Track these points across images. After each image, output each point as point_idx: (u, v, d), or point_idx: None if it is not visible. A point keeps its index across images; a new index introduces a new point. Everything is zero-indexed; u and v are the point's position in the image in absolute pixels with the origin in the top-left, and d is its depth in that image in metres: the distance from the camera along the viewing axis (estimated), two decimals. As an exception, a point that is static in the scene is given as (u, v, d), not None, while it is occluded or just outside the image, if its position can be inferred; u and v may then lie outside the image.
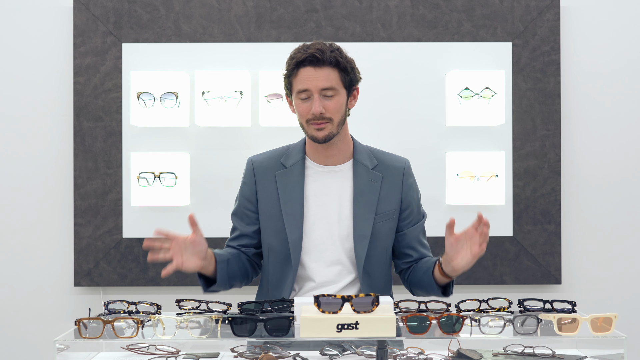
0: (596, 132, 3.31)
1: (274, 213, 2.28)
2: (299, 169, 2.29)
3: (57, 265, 3.29)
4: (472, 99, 3.21)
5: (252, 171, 2.33)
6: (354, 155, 2.33)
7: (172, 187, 3.20)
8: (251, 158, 2.37)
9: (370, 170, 2.31)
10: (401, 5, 3.25)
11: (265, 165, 2.32)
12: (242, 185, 2.37)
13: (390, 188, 2.31)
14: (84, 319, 1.80)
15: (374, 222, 2.26)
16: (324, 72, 2.19)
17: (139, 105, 3.19)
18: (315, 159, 2.31)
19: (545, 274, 3.26)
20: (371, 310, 1.73)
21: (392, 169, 2.34)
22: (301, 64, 2.20)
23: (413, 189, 2.38)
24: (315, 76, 2.18)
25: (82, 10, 3.23)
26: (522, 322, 1.85)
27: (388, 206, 2.30)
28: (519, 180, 3.26)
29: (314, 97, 2.19)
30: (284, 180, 2.28)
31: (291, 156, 2.32)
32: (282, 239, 2.26)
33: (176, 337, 1.82)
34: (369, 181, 2.29)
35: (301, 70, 2.20)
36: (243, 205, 2.36)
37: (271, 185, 2.29)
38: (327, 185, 2.29)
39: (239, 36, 3.25)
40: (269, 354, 1.93)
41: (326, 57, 2.18)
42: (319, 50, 2.19)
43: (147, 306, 2.01)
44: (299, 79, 2.21)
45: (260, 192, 2.31)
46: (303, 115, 2.23)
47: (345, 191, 2.29)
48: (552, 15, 3.25)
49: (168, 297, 3.19)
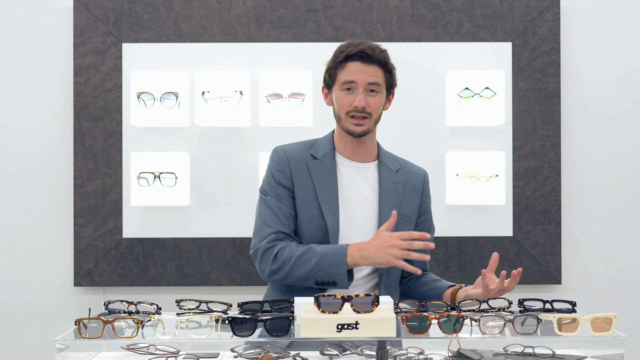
0: (596, 132, 3.31)
1: (309, 200, 2.27)
2: (330, 159, 2.31)
3: (57, 265, 3.29)
4: (472, 99, 3.21)
5: (287, 159, 2.31)
6: (379, 157, 2.37)
7: (172, 187, 3.20)
8: (281, 147, 2.35)
9: (394, 172, 2.34)
10: (401, 5, 3.25)
11: (297, 154, 2.32)
12: (276, 173, 2.31)
13: (412, 192, 2.35)
14: (84, 319, 1.80)
15: (397, 223, 2.27)
16: (372, 69, 2.23)
17: (139, 105, 3.19)
18: (343, 153, 2.34)
19: (545, 274, 3.26)
20: (371, 310, 1.73)
21: (414, 175, 2.39)
22: (351, 57, 2.23)
23: (430, 198, 2.43)
24: (363, 71, 2.23)
25: (82, 10, 3.23)
26: (522, 322, 1.85)
27: (409, 209, 2.33)
28: (519, 180, 3.26)
29: (358, 91, 2.23)
30: (317, 170, 2.29)
31: (320, 148, 2.33)
32: (317, 225, 2.26)
33: (176, 337, 1.82)
34: (393, 182, 2.33)
35: (349, 64, 2.23)
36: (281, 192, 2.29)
37: (305, 173, 2.29)
38: (355, 180, 2.32)
39: (239, 36, 3.25)
40: (269, 354, 1.93)
41: (376, 55, 2.24)
42: (370, 47, 2.24)
43: (147, 306, 2.01)
44: (347, 71, 2.23)
45: (295, 181, 2.29)
46: (344, 107, 2.25)
47: (372, 189, 2.31)
48: (552, 15, 3.25)
49: (168, 297, 3.19)
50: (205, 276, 3.25)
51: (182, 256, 3.25)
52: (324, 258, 2.16)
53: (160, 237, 3.25)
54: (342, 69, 2.25)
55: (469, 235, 3.26)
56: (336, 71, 2.26)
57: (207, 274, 3.25)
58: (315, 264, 2.16)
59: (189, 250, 3.24)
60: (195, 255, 3.25)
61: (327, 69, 2.30)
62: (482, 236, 3.26)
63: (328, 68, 2.30)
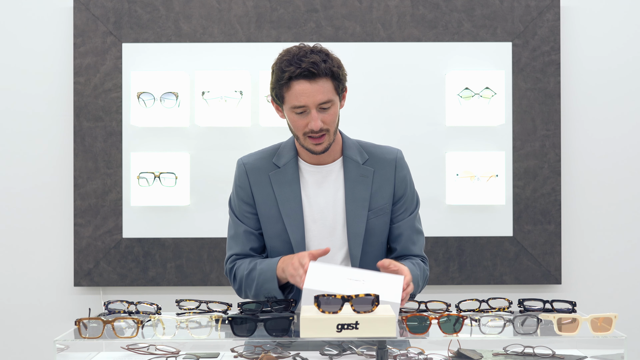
0: (596, 132, 3.31)
1: (272, 214, 2.23)
2: (292, 168, 2.24)
3: (57, 265, 3.29)
4: (472, 99, 3.21)
5: (245, 174, 2.26)
6: (343, 152, 2.26)
7: (172, 187, 3.20)
8: (242, 160, 2.29)
9: (361, 165, 2.24)
10: (401, 5, 3.25)
11: (258, 166, 2.26)
12: (237, 189, 2.29)
13: (383, 182, 2.25)
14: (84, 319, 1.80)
15: (368, 218, 2.22)
16: (319, 86, 2.08)
17: (139, 105, 3.19)
18: (306, 159, 2.25)
19: (545, 274, 3.26)
20: (371, 310, 1.73)
21: (384, 162, 2.26)
22: (295, 78, 2.09)
23: (406, 182, 2.29)
24: (311, 91, 2.08)
25: (82, 10, 3.23)
26: (522, 322, 1.85)
27: (381, 200, 2.24)
28: (519, 180, 3.26)
29: (311, 113, 2.11)
30: (279, 180, 2.23)
31: (283, 155, 2.26)
32: (283, 240, 2.23)
33: (176, 337, 1.82)
34: (361, 177, 2.23)
35: (294, 84, 2.08)
36: (242, 209, 2.28)
37: (266, 186, 2.24)
38: (319, 185, 2.24)
39: (239, 36, 3.25)
40: (269, 354, 1.93)
41: (321, 70, 2.08)
42: (313, 63, 2.07)
43: (147, 306, 2.01)
44: (293, 94, 2.09)
45: (256, 194, 2.25)
46: (299, 129, 2.14)
47: (338, 189, 2.25)
48: (552, 15, 3.25)
49: (168, 297, 3.19)
50: (205, 276, 3.25)
51: (182, 256, 3.25)
52: (261, 276, 2.16)
53: (160, 237, 3.25)
54: (288, 89, 2.09)
55: (469, 235, 3.26)
56: (282, 92, 2.11)
57: (207, 274, 3.25)
58: (257, 283, 2.17)
59: (189, 250, 3.24)
60: (195, 255, 3.25)
61: (272, 87, 2.15)
62: (482, 236, 3.26)
63: (272, 86, 2.15)
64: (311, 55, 2.09)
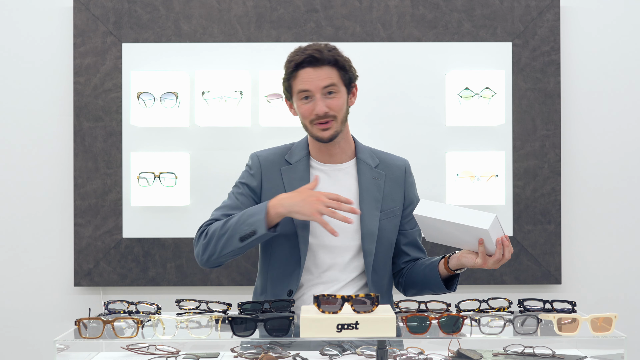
0: (596, 132, 3.31)
1: None
2: (303, 165, 2.30)
3: (57, 265, 3.29)
4: (472, 99, 3.21)
5: (259, 164, 2.32)
6: (356, 154, 2.35)
7: (172, 187, 3.20)
8: (256, 153, 2.37)
9: (373, 168, 2.33)
10: (401, 5, 3.25)
11: (271, 160, 2.32)
12: (247, 175, 2.33)
13: (393, 186, 2.34)
14: (84, 319, 1.81)
15: (380, 219, 2.28)
16: (323, 72, 2.21)
17: (139, 105, 3.19)
18: (318, 157, 2.32)
19: (545, 274, 3.26)
20: (371, 311, 1.73)
21: (394, 168, 2.37)
22: (300, 65, 2.21)
23: (414, 188, 2.41)
24: (315, 76, 2.20)
25: (82, 10, 3.23)
26: (522, 322, 1.85)
27: (392, 203, 2.32)
28: (519, 180, 3.26)
29: (316, 98, 2.21)
30: (290, 176, 2.29)
31: (295, 153, 2.33)
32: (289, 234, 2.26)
33: (176, 337, 1.82)
34: (373, 179, 2.31)
35: (300, 72, 2.22)
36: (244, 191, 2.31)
37: (277, 180, 2.29)
38: (332, 183, 2.29)
39: (239, 36, 3.25)
40: (269, 354, 1.93)
41: (324, 56, 2.21)
42: (316, 50, 2.21)
43: (147, 306, 2.01)
44: (299, 81, 2.22)
45: (265, 185, 2.29)
46: (306, 117, 2.24)
47: (351, 189, 2.30)
48: (552, 15, 3.25)
49: (168, 297, 3.19)
50: (205, 276, 3.25)
51: (182, 256, 3.25)
52: (245, 213, 2.17)
53: (160, 237, 3.25)
54: (294, 79, 2.23)
55: (469, 235, 3.26)
56: (290, 82, 2.25)
57: (207, 274, 3.25)
58: (237, 220, 2.17)
59: (189, 250, 3.24)
60: (195, 255, 3.25)
61: (283, 82, 2.29)
62: (482, 236, 3.26)
63: (283, 81, 2.28)
64: (316, 46, 2.24)
